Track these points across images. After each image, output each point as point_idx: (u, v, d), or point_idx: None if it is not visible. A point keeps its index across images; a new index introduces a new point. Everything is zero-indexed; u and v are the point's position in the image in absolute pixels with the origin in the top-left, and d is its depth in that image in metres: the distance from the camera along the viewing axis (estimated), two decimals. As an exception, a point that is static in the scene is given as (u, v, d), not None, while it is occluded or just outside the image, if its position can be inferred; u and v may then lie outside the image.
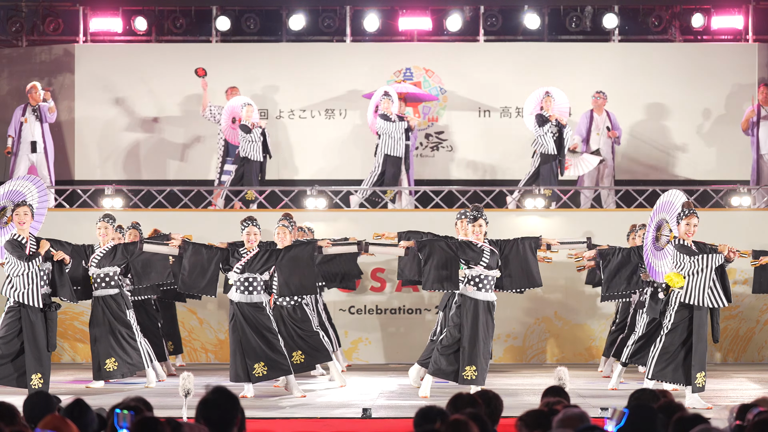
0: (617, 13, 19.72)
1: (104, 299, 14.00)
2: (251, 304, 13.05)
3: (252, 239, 13.13)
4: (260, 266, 13.03)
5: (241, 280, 13.04)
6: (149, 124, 19.86)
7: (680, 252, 12.17)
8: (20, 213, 12.86)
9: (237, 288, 13.07)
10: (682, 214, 12.26)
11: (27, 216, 12.87)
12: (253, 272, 13.02)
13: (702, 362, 12.26)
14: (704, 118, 19.82)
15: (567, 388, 8.30)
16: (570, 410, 6.15)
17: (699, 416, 5.96)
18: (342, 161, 19.74)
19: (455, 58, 19.93)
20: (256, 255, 13.05)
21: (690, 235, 12.23)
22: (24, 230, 12.86)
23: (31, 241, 12.88)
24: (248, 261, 13.04)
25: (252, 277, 13.04)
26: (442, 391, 13.51)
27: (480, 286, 12.97)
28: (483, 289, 12.98)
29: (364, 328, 17.34)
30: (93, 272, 13.93)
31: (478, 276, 13.00)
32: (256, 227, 13.18)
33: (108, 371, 13.89)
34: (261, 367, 13.02)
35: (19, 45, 20.16)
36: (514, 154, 19.64)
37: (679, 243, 12.21)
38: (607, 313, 16.91)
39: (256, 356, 12.97)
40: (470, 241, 13.13)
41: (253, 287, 13.04)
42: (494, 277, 13.08)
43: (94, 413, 6.11)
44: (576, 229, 17.34)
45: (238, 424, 5.87)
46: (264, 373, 13.01)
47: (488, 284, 13.01)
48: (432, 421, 5.98)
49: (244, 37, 20.16)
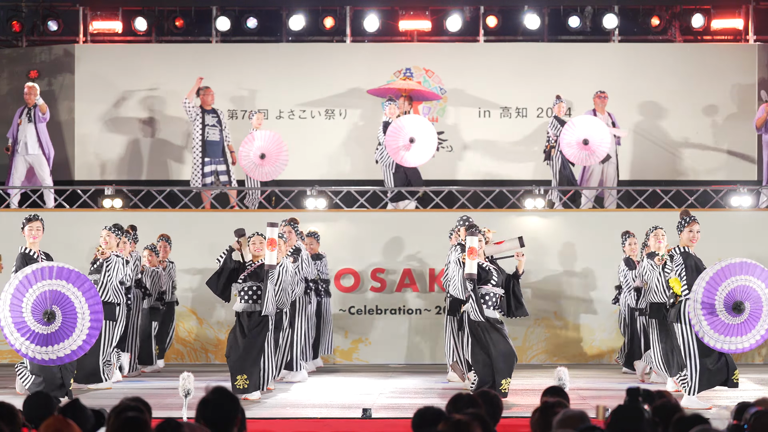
0: (617, 13, 19.73)
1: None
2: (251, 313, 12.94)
3: (258, 248, 12.92)
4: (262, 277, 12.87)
5: (244, 289, 12.93)
6: (149, 124, 19.87)
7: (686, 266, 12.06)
8: (33, 227, 12.80)
9: (240, 297, 12.97)
10: (684, 222, 12.20)
11: (39, 231, 12.82)
12: (256, 282, 12.90)
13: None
14: (704, 118, 19.82)
15: (567, 388, 8.30)
16: (570, 410, 6.15)
17: (699, 416, 5.96)
18: (342, 161, 19.75)
19: (455, 58, 19.93)
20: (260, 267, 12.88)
21: (694, 242, 12.19)
22: (35, 244, 12.82)
23: (42, 256, 12.84)
24: (252, 272, 12.92)
25: (256, 285, 12.91)
26: (441, 391, 13.52)
27: (489, 303, 12.83)
28: (492, 307, 12.82)
29: (364, 328, 17.35)
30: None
31: (487, 294, 12.83)
32: (261, 236, 12.93)
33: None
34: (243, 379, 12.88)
35: (19, 45, 20.17)
36: (514, 154, 19.65)
37: (685, 252, 12.15)
38: (607, 313, 16.91)
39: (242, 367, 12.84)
40: (481, 266, 12.92)
41: (258, 296, 12.89)
42: (500, 296, 12.95)
43: (90, 413, 6.11)
44: (576, 229, 17.36)
45: (238, 424, 5.87)
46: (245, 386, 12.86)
47: (496, 302, 12.86)
48: (430, 422, 5.97)
49: (244, 37, 20.16)
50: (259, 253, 12.88)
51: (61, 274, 11.74)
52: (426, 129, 17.71)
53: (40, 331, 11.68)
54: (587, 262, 17.26)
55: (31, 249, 12.79)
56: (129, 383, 14.38)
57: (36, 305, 11.67)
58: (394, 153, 17.59)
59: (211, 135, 18.32)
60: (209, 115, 18.38)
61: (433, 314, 17.20)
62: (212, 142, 18.31)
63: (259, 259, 12.91)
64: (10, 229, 15.16)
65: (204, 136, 18.27)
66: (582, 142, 17.56)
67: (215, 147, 18.34)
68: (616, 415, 5.81)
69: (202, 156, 18.33)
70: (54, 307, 11.68)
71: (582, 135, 17.57)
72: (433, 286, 17.10)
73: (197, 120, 18.26)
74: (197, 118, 18.27)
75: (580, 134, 17.58)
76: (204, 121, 18.31)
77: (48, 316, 11.66)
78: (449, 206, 18.08)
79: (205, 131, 18.28)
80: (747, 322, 11.74)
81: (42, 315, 11.65)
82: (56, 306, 11.69)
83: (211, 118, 18.38)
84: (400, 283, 17.31)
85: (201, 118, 18.29)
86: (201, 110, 18.36)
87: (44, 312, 11.65)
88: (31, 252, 12.78)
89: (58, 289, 11.71)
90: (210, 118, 18.37)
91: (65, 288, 11.73)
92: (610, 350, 17.05)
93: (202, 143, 18.33)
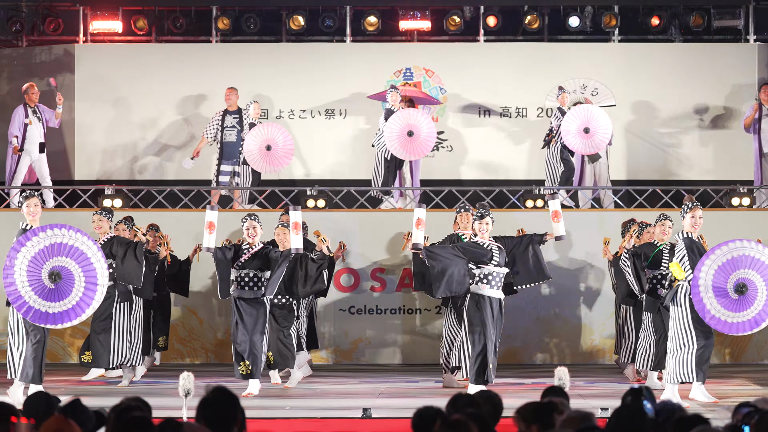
0: (617, 13, 19.72)
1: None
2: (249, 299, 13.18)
3: (252, 233, 13.26)
4: (260, 265, 13.17)
5: (241, 275, 13.19)
6: (149, 124, 19.86)
7: (688, 250, 12.25)
8: (31, 204, 12.80)
9: (237, 284, 13.21)
10: (686, 208, 12.39)
11: (37, 207, 12.82)
12: (253, 269, 13.12)
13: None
14: (704, 118, 19.82)
15: (567, 388, 8.30)
16: (575, 411, 6.16)
17: (699, 416, 5.96)
18: (342, 161, 19.74)
19: (455, 58, 19.93)
20: (256, 253, 13.12)
21: (696, 227, 12.35)
22: (35, 221, 12.82)
23: None
24: (248, 258, 13.11)
25: (253, 273, 13.15)
26: (441, 391, 13.52)
27: (493, 283, 13.04)
28: (496, 287, 13.06)
29: (364, 328, 17.34)
30: None
31: (490, 274, 13.05)
32: (255, 221, 13.30)
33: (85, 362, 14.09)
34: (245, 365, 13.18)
35: (19, 45, 20.17)
36: (514, 154, 19.64)
37: (688, 237, 12.31)
38: (607, 313, 16.90)
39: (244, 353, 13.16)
40: (476, 242, 13.18)
41: (254, 283, 13.17)
42: (503, 275, 13.16)
43: (91, 413, 6.11)
44: (576, 229, 17.35)
45: (238, 424, 5.87)
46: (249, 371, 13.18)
47: (499, 281, 13.11)
48: (430, 422, 5.97)
49: (244, 37, 20.16)
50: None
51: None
52: (426, 126, 17.72)
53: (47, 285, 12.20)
54: (587, 261, 17.25)
55: (31, 226, 12.79)
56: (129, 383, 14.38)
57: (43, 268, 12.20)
58: (390, 142, 17.61)
59: (228, 137, 18.37)
60: (231, 116, 18.42)
61: (433, 314, 17.20)
62: (229, 143, 18.37)
63: (255, 245, 13.21)
64: (10, 229, 15.14)
65: (222, 138, 18.34)
66: (583, 130, 17.60)
67: (232, 148, 18.38)
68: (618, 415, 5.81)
69: (219, 157, 18.42)
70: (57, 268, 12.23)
71: (583, 124, 17.62)
72: (433, 286, 17.09)
73: (218, 126, 18.35)
74: (218, 125, 18.35)
75: (581, 123, 17.62)
76: (223, 124, 18.37)
77: (54, 276, 12.15)
78: (449, 206, 18.07)
79: (223, 133, 18.34)
80: (747, 298, 12.03)
81: (49, 275, 12.17)
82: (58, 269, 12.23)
83: (231, 119, 18.42)
84: (400, 283, 17.31)
85: (221, 121, 18.36)
86: (224, 113, 18.42)
87: (51, 272, 12.16)
88: (30, 228, 12.79)
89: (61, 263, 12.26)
90: (231, 119, 18.41)
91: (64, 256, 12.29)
92: (610, 350, 17.04)
93: (220, 145, 18.40)
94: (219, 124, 18.37)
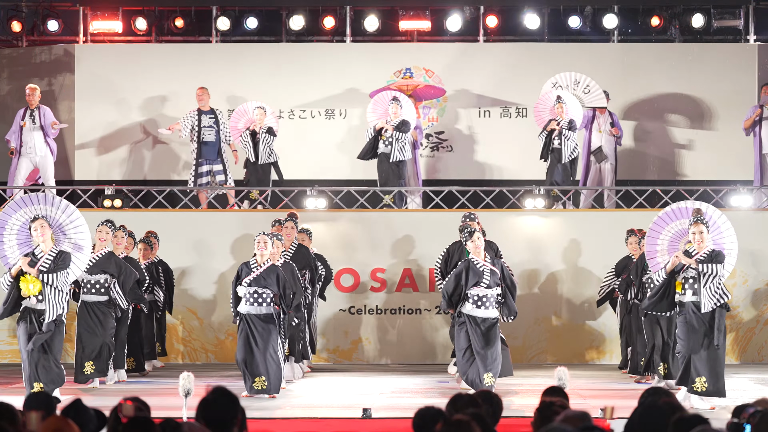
0: (617, 13, 19.73)
1: (91, 305, 13.94)
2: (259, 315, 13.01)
3: (261, 247, 13.06)
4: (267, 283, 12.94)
5: (250, 292, 13.00)
6: (149, 124, 19.86)
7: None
8: (38, 227, 12.70)
9: (246, 300, 13.03)
10: (689, 222, 12.42)
11: (44, 228, 12.70)
12: (261, 287, 12.95)
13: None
14: (704, 118, 19.83)
15: (567, 388, 8.30)
16: (571, 410, 6.15)
17: (699, 416, 5.96)
18: (342, 161, 19.73)
19: (455, 58, 19.93)
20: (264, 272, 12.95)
21: (693, 242, 12.27)
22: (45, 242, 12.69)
23: (50, 255, 12.69)
24: (256, 277, 12.96)
25: (261, 290, 12.98)
26: (441, 391, 13.52)
27: (479, 304, 13.13)
28: (482, 307, 13.13)
29: (364, 328, 17.35)
30: (82, 278, 13.78)
31: (477, 295, 13.15)
32: (267, 236, 13.11)
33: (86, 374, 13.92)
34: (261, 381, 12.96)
35: (19, 45, 20.17)
36: (514, 154, 19.65)
37: (686, 251, 12.31)
38: (607, 313, 16.90)
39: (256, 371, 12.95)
40: (471, 264, 13.20)
41: (263, 299, 12.98)
42: (495, 296, 13.20)
43: (92, 413, 6.11)
44: (576, 229, 17.36)
45: (238, 424, 5.87)
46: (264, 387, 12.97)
47: (489, 303, 13.16)
48: (430, 422, 5.97)
49: (244, 37, 20.16)
50: (263, 258, 13.04)
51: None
52: (407, 105, 18.09)
53: None
54: (587, 261, 17.25)
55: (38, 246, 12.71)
56: (129, 383, 14.37)
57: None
58: (383, 116, 17.89)
59: (206, 136, 18.30)
60: (206, 116, 18.37)
61: (433, 314, 17.21)
62: (208, 143, 18.31)
63: (264, 261, 13.01)
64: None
65: (200, 138, 18.27)
66: (556, 98, 17.90)
67: (210, 148, 18.33)
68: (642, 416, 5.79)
69: (197, 157, 18.34)
70: None
71: (557, 94, 18.03)
72: (433, 286, 17.07)
73: (194, 123, 18.27)
74: (194, 122, 18.28)
75: (555, 94, 18.02)
76: (200, 123, 18.31)
77: None
78: (449, 206, 18.08)
79: (201, 132, 18.27)
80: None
81: None
82: None
83: (207, 119, 18.36)
84: (400, 283, 17.31)
85: (198, 120, 18.30)
86: (198, 112, 18.37)
87: None
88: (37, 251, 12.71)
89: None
90: (207, 119, 18.36)
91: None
92: (610, 350, 17.06)
93: (198, 144, 18.34)
94: (196, 123, 18.27)
